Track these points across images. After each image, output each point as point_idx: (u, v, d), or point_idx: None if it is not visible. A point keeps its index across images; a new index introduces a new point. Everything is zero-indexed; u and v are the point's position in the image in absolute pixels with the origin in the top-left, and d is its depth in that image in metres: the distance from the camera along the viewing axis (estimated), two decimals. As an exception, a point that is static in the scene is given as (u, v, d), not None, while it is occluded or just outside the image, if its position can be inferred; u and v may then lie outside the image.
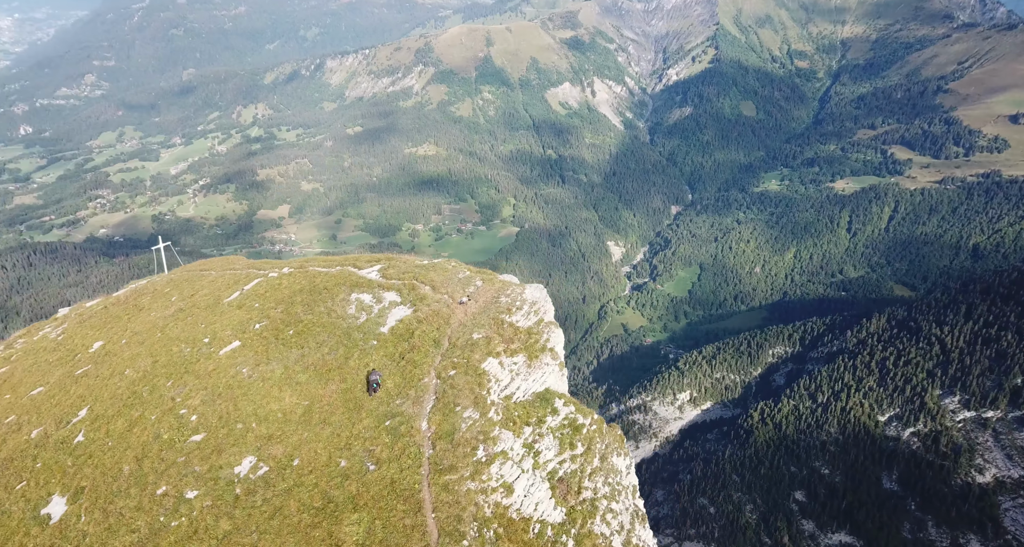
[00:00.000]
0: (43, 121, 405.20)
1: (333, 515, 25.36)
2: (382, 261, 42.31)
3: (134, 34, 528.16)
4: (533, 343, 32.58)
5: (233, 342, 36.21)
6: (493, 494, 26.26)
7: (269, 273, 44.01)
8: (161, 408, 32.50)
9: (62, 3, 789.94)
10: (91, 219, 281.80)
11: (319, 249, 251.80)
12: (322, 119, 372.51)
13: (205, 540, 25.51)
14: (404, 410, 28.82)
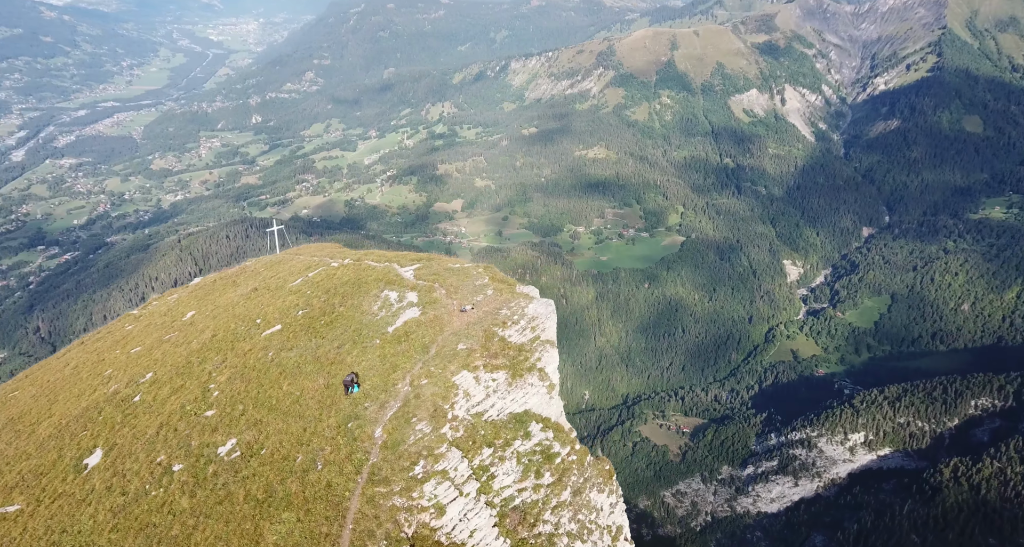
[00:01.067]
0: (270, 112, 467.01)
1: (268, 510, 25.39)
2: (422, 261, 42.89)
3: (348, 36, 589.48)
4: (521, 361, 30.83)
5: (276, 325, 38.13)
6: (421, 513, 24.75)
7: (332, 262, 45.84)
8: (199, 380, 34.77)
9: (297, 9, 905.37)
10: (297, 200, 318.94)
11: (485, 243, 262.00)
12: (501, 119, 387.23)
13: (165, 515, 26.52)
14: (367, 414, 28.17)
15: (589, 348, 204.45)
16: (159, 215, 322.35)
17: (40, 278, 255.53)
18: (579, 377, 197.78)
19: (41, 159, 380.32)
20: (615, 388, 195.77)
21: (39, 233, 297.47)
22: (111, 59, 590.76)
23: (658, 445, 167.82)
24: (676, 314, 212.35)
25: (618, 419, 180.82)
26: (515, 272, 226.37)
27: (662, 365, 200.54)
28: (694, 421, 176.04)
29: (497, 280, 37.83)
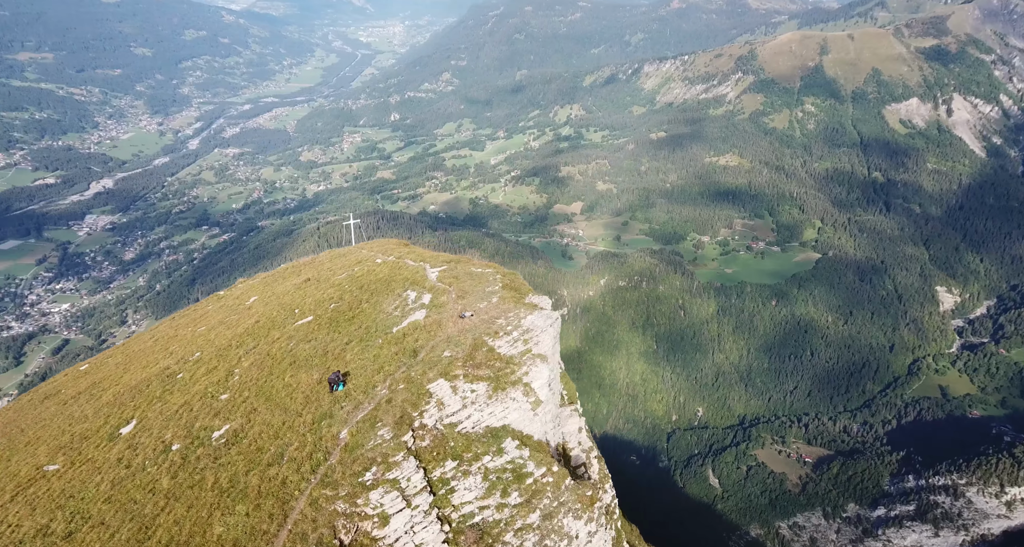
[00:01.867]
0: (407, 110, 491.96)
1: (225, 500, 25.41)
2: (450, 263, 42.42)
3: (485, 38, 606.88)
4: (507, 374, 29.45)
5: (308, 317, 38.84)
6: (364, 521, 23.95)
7: (377, 259, 46.73)
8: (228, 364, 35.78)
9: (440, 12, 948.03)
10: (426, 196, 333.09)
11: (603, 247, 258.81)
12: (629, 123, 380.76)
13: (147, 493, 27.16)
14: (340, 414, 28.08)
15: (706, 363, 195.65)
16: (303, 203, 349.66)
17: (203, 255, 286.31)
18: (692, 392, 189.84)
19: (211, 148, 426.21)
20: (731, 407, 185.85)
21: (205, 214, 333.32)
22: (274, 59, 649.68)
23: (775, 472, 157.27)
24: (805, 335, 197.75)
25: (732, 440, 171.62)
26: (631, 279, 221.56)
27: (785, 388, 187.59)
28: (818, 451, 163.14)
29: (509, 288, 36.60)
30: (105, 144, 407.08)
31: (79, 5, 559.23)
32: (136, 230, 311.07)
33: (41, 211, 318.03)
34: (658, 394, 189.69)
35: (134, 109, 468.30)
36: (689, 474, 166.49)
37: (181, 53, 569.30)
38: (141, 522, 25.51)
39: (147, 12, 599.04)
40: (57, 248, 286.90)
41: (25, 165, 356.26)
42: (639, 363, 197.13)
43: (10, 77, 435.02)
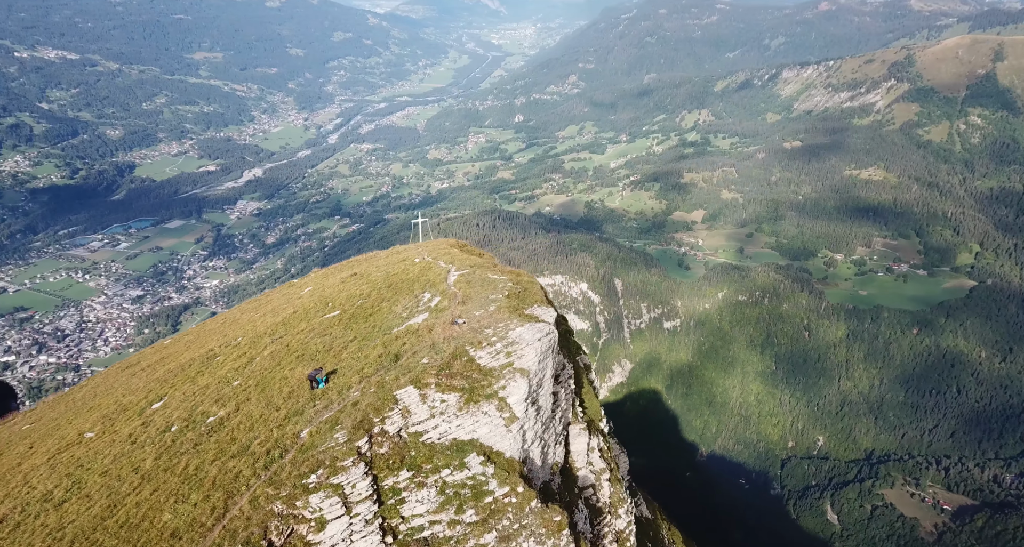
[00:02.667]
0: (531, 112, 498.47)
1: (183, 488, 25.48)
2: (472, 267, 41.24)
3: (615, 41, 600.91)
4: (482, 386, 28.12)
5: (336, 311, 39.03)
6: (300, 524, 23.42)
7: (415, 258, 46.40)
8: (254, 351, 36.42)
9: (572, 14, 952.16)
10: (542, 197, 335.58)
11: (723, 259, 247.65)
12: (761, 130, 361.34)
13: (131, 471, 27.82)
14: (309, 413, 27.85)
15: (830, 390, 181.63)
16: (427, 199, 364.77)
17: (334, 243, 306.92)
18: (813, 420, 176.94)
19: (348, 143, 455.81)
20: (857, 440, 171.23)
21: (338, 205, 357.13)
22: (411, 60, 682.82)
23: (906, 516, 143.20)
24: (952, 370, 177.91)
25: (856, 475, 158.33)
26: (752, 294, 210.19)
27: (923, 426, 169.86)
28: (959, 499, 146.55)
29: (515, 296, 35.09)
30: (258, 136, 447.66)
31: (247, 9, 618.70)
32: (278, 216, 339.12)
33: (202, 195, 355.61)
34: (774, 417, 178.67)
35: (285, 105, 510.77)
36: (804, 505, 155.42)
37: (329, 53, 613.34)
38: (113, 500, 26.17)
39: (303, 16, 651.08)
40: (212, 229, 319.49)
41: (193, 153, 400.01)
42: (755, 383, 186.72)
43: (187, 74, 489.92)
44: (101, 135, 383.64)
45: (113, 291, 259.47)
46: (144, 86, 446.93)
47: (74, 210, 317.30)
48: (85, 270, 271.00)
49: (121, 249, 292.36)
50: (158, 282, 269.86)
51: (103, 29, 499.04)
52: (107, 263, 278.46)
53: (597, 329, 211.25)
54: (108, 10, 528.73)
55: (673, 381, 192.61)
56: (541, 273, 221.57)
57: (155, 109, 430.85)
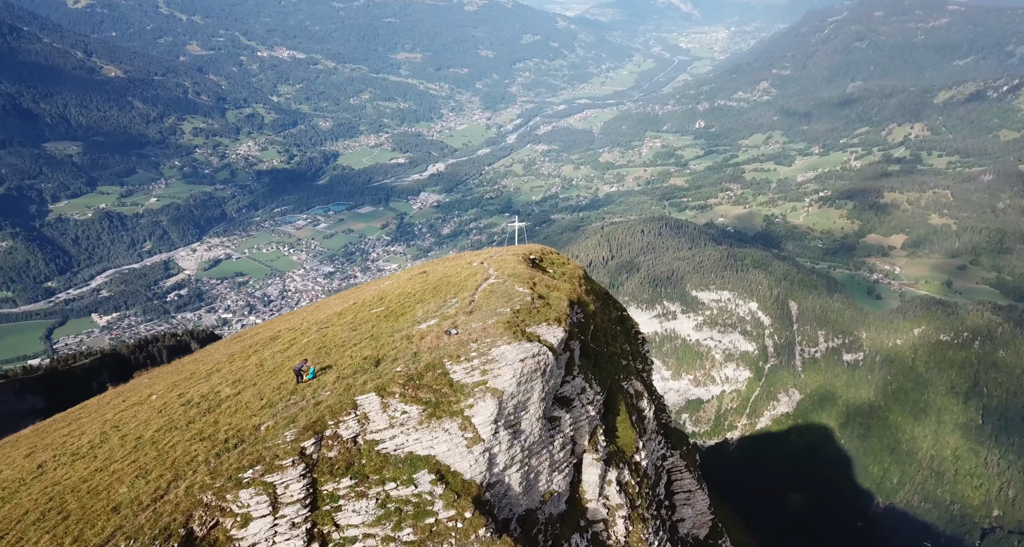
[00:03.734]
0: (714, 118, 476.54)
1: (152, 464, 25.58)
2: (506, 278, 38.27)
3: (818, 46, 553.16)
4: (449, 402, 26.78)
5: (381, 307, 39.15)
6: (225, 518, 23.03)
7: (474, 262, 44.51)
8: (304, 338, 37.00)
9: (771, 18, 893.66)
10: (716, 207, 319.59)
11: (925, 291, 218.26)
12: (990, 149, 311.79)
13: (134, 438, 28.93)
14: (280, 406, 27.75)
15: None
16: (594, 202, 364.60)
17: (501, 239, 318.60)
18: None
19: (524, 143, 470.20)
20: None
21: (509, 203, 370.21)
22: (594, 63, 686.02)
23: None
24: None
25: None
26: (959, 335, 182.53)
27: None
28: None
29: (524, 311, 32.70)
30: (444, 133, 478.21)
31: (447, 13, 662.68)
32: (454, 209, 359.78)
33: (391, 185, 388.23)
34: (976, 478, 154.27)
35: (471, 104, 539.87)
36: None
37: (516, 56, 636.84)
38: (104, 463, 27.44)
39: (496, 19, 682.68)
40: (396, 217, 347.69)
41: (387, 146, 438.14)
42: (953, 435, 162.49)
43: (389, 73, 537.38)
44: (315, 126, 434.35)
45: (310, 266, 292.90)
46: (353, 83, 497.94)
47: (287, 191, 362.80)
48: (291, 245, 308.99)
49: (320, 228, 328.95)
50: (347, 261, 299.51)
51: (326, 31, 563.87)
52: (308, 240, 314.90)
53: (764, 353, 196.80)
54: (332, 14, 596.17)
55: (849, 420, 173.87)
56: (706, 287, 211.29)
57: (360, 104, 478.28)
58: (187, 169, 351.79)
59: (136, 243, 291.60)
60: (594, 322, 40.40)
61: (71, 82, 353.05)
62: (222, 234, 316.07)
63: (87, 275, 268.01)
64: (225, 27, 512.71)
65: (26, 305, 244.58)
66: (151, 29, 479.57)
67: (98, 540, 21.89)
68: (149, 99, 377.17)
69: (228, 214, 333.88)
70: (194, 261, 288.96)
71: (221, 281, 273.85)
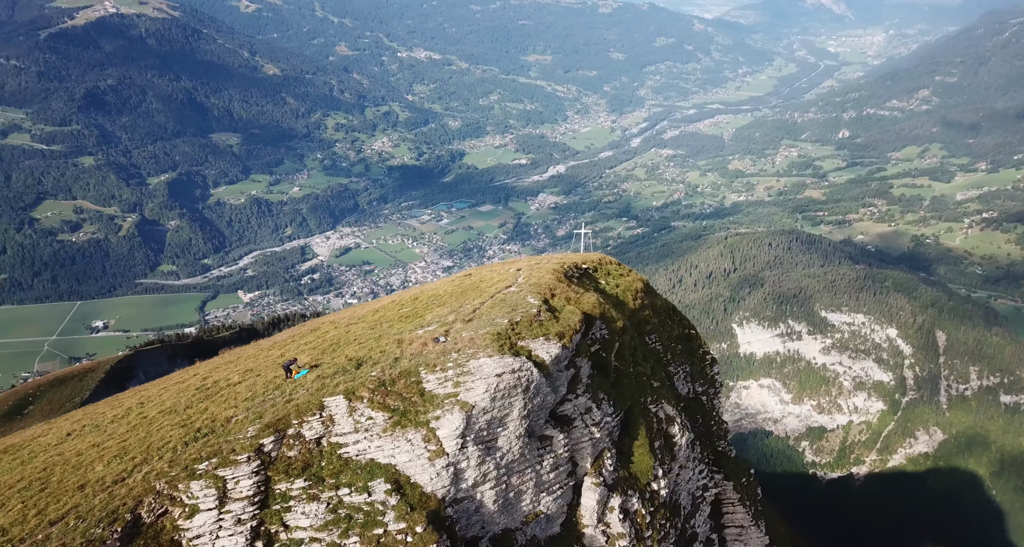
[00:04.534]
0: (860, 128, 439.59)
1: (136, 443, 26.03)
2: (525, 287, 36.30)
3: (994, 50, 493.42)
4: (417, 412, 25.96)
5: (408, 308, 38.72)
6: (174, 507, 23.08)
7: (512, 268, 43.43)
8: (330, 335, 37.40)
9: (938, 20, 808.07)
10: (856, 223, 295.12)
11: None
12: None
13: (143, 414, 30.65)
14: (258, 399, 28.07)
15: None
16: (719, 211, 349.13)
17: (616, 243, 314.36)
18: None
19: (649, 147, 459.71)
20: None
21: (627, 208, 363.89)
22: (730, 67, 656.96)
23: None
24: None
25: None
26: None
27: None
28: None
29: (524, 323, 30.91)
30: (568, 135, 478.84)
31: (581, 15, 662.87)
32: (571, 212, 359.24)
33: (512, 185, 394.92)
34: None
35: (597, 107, 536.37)
36: None
37: (647, 58, 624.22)
38: (103, 439, 28.68)
39: (630, 21, 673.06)
40: (514, 217, 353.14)
41: (511, 146, 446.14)
42: None
43: (519, 75, 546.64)
44: (444, 125, 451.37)
45: (431, 259, 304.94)
46: (483, 84, 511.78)
47: (415, 186, 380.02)
48: (414, 238, 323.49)
49: (442, 224, 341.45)
50: (464, 257, 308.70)
51: (462, 33, 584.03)
52: (430, 235, 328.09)
53: (901, 384, 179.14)
54: (469, 17, 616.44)
55: (1004, 469, 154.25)
56: (838, 309, 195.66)
57: (488, 105, 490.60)
58: (327, 162, 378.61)
59: (279, 228, 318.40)
60: (621, 339, 38.00)
61: (236, 79, 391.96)
62: (353, 224, 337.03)
63: (236, 255, 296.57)
64: (371, 29, 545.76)
65: (187, 278, 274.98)
66: (307, 31, 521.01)
67: (55, 516, 22.64)
68: (300, 96, 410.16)
69: (360, 205, 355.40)
70: (327, 248, 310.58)
71: (350, 268, 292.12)
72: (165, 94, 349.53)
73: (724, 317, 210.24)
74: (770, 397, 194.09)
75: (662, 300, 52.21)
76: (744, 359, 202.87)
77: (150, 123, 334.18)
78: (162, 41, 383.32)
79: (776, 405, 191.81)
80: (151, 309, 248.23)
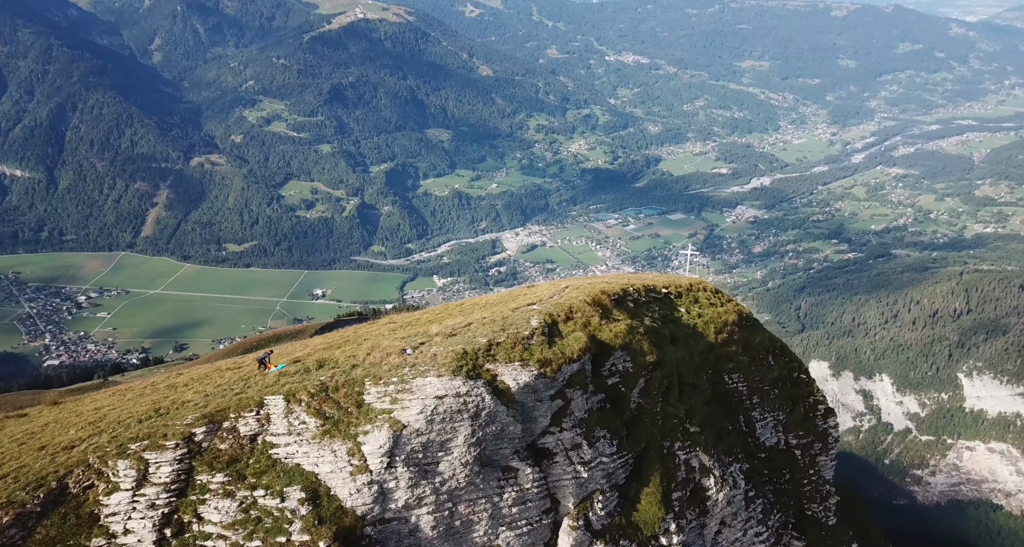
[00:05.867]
0: None
1: (103, 418, 27.41)
2: (566, 318, 32.72)
3: None
4: (348, 424, 24.81)
5: (438, 314, 38.11)
6: (99, 481, 23.81)
7: (564, 285, 41.48)
8: (363, 332, 36.76)
9: None
10: None
11: None
12: None
13: (151, 388, 31.86)
14: (222, 388, 28.69)
15: None
16: (955, 242, 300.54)
17: (821, 266, 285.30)
18: None
19: (873, 164, 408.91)
20: None
21: (839, 228, 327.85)
22: (993, 77, 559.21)
23: None
24: None
25: None
26: None
27: None
28: None
29: (506, 346, 28.61)
30: (777, 146, 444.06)
31: (809, 19, 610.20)
32: (771, 228, 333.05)
33: (707, 194, 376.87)
34: None
35: (815, 117, 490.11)
36: None
37: (884, 66, 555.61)
38: (104, 405, 30.05)
39: (868, 25, 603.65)
40: (706, 228, 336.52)
41: (711, 154, 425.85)
42: None
43: (730, 81, 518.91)
44: (643, 129, 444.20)
45: (612, 264, 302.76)
46: (690, 90, 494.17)
47: (605, 190, 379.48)
48: (598, 241, 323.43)
49: (628, 229, 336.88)
50: (648, 265, 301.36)
51: (674, 37, 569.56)
52: (614, 239, 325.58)
53: None
54: (683, 21, 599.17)
55: None
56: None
57: (692, 111, 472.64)
58: (525, 161, 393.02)
59: (475, 221, 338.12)
60: (651, 374, 34.23)
61: (454, 79, 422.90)
62: (542, 223, 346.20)
63: (436, 242, 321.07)
64: (582, 33, 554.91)
65: (392, 259, 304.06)
66: (522, 34, 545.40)
67: (4, 471, 24.01)
68: (508, 97, 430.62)
69: (550, 205, 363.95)
70: (515, 243, 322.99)
71: (534, 265, 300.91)
72: (393, 91, 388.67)
73: (947, 364, 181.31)
74: (1002, 465, 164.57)
75: (764, 336, 45.87)
76: (970, 415, 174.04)
77: (378, 117, 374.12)
78: (396, 43, 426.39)
79: (1010, 476, 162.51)
80: (360, 284, 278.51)
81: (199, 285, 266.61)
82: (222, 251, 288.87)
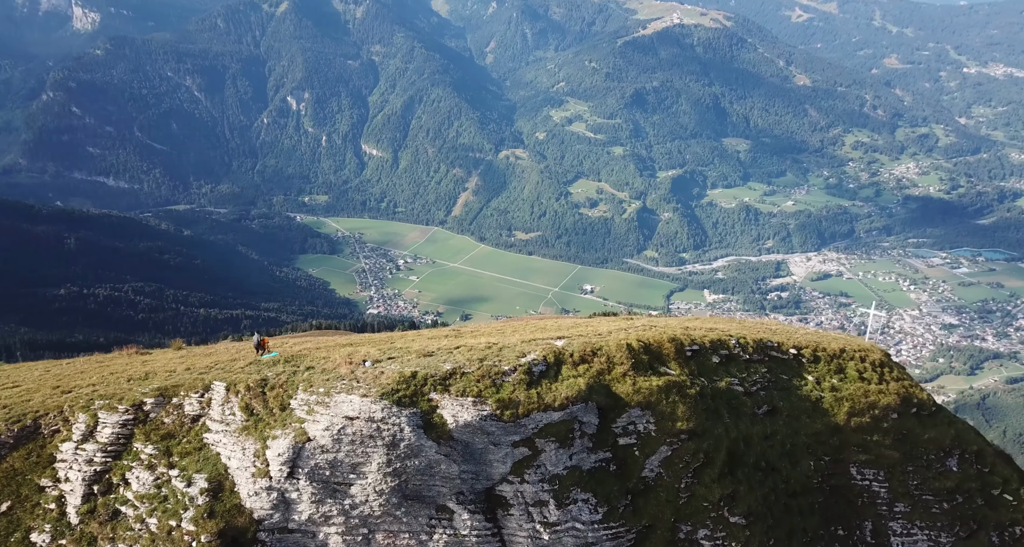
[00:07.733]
0: None
1: (107, 371, 31.37)
2: (577, 360, 28.35)
3: None
4: (265, 425, 25.07)
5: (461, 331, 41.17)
6: (63, 428, 26.24)
7: (639, 323, 38.36)
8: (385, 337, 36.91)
9: None
10: None
11: None
12: None
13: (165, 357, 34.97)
14: (198, 368, 29.80)
15: None
16: None
17: None
18: None
19: None
20: None
21: None
22: None
23: None
24: None
25: None
26: None
27: None
28: None
29: (466, 377, 25.63)
30: None
31: None
32: None
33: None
34: None
35: None
36: None
37: None
38: (154, 357, 34.48)
39: None
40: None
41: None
42: None
43: None
44: (1002, 157, 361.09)
45: (928, 310, 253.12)
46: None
47: (933, 223, 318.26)
48: (913, 281, 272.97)
49: (958, 273, 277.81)
50: (979, 319, 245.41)
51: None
52: (937, 282, 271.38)
53: None
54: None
55: None
56: None
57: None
58: (832, 180, 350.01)
59: (760, 239, 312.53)
60: (680, 445, 29.49)
61: (763, 88, 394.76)
62: (841, 250, 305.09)
63: (712, 255, 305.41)
64: (935, 40, 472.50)
65: (663, 266, 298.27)
66: (856, 41, 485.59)
67: (9, 402, 27.61)
68: (824, 109, 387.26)
69: (856, 232, 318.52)
70: (804, 269, 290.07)
71: (824, 296, 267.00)
72: (695, 98, 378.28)
73: None
74: None
75: (945, 433, 34.76)
76: None
77: (674, 123, 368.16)
78: (708, 49, 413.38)
79: None
80: (628, 286, 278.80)
81: (489, 265, 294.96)
82: (511, 237, 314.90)
